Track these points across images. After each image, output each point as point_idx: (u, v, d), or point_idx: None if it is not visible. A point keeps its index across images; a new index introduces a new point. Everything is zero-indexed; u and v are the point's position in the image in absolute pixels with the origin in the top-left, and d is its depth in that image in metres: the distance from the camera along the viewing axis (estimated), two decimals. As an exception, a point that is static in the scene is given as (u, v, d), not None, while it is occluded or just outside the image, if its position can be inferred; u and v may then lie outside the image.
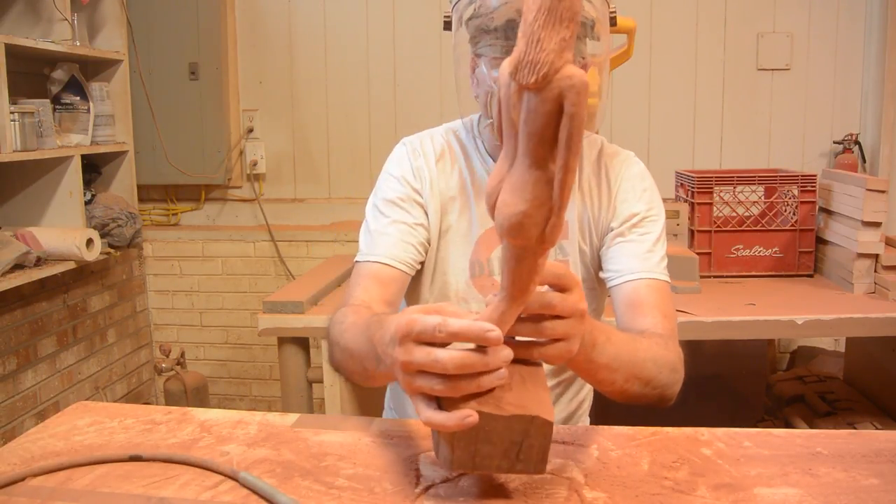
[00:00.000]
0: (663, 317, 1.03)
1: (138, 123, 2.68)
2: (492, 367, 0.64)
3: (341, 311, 0.98)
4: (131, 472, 0.78)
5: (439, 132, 1.16)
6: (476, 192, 1.12)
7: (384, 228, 1.09)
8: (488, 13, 0.99)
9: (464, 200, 1.12)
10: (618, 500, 0.71)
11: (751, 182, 2.07)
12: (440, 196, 1.12)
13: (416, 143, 1.15)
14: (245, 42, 2.80)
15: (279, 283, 2.81)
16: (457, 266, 1.12)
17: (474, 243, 1.11)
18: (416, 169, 1.12)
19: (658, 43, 2.61)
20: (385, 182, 1.13)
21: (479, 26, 1.01)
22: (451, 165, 1.13)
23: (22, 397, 2.30)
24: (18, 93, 2.13)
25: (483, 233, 1.11)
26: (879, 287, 1.83)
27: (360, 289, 1.06)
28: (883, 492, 0.72)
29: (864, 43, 2.55)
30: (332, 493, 0.74)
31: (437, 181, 1.12)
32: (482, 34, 1.01)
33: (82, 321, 2.57)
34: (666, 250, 1.11)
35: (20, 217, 2.32)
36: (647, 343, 0.91)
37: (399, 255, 1.08)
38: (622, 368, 0.84)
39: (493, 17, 0.98)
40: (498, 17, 0.98)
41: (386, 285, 1.06)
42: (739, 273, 2.03)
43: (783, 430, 0.87)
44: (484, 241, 1.11)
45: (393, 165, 1.14)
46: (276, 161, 2.85)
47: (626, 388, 0.86)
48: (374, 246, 1.09)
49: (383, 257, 1.07)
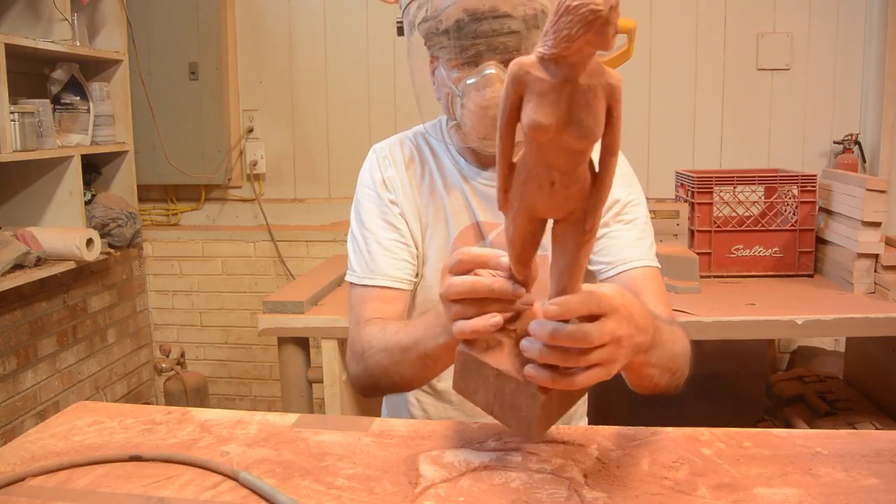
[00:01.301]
0: (663, 303, 1.04)
1: (138, 123, 2.68)
2: (496, 289, 0.71)
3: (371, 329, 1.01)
4: (131, 472, 0.78)
5: (408, 136, 1.17)
6: (448, 193, 1.12)
7: (374, 246, 1.10)
8: (437, 16, 0.99)
9: (437, 203, 1.12)
10: (618, 500, 0.71)
11: (751, 182, 2.06)
12: (414, 201, 1.12)
13: (385, 150, 1.15)
14: (245, 42, 2.80)
15: (279, 283, 2.81)
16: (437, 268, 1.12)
17: (451, 243, 1.12)
18: (387, 179, 1.12)
19: (658, 43, 2.61)
20: (362, 195, 1.14)
21: (430, 29, 1.01)
22: (422, 169, 1.13)
23: (22, 397, 2.30)
24: (18, 93, 2.14)
25: (458, 233, 1.11)
26: (879, 287, 1.83)
27: (370, 310, 1.07)
28: (883, 492, 0.72)
29: (864, 43, 2.55)
30: (332, 493, 0.74)
31: (409, 187, 1.12)
32: (434, 37, 1.01)
33: (82, 321, 2.57)
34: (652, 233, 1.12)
35: (20, 217, 2.32)
36: (679, 333, 0.92)
37: (397, 273, 1.09)
38: (662, 364, 0.84)
39: (442, 20, 0.98)
40: (446, 18, 0.98)
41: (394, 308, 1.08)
42: (739, 273, 2.03)
43: (783, 430, 0.87)
44: (461, 240, 1.11)
45: (366, 176, 1.15)
46: (276, 161, 2.85)
47: (659, 382, 0.87)
48: (368, 267, 1.10)
49: (383, 279, 1.09)
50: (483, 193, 1.11)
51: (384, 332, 0.98)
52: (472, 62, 0.98)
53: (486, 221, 1.11)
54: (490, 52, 0.97)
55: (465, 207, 1.12)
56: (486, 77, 0.97)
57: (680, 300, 1.77)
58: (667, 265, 1.88)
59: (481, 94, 0.98)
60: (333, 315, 1.77)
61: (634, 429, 0.87)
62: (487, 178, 1.11)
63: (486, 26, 0.96)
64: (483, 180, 1.11)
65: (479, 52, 0.98)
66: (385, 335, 0.97)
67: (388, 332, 0.97)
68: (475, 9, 0.95)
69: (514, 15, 0.96)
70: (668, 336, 0.85)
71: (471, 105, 0.99)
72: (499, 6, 0.95)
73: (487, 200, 1.11)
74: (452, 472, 0.76)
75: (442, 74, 1.03)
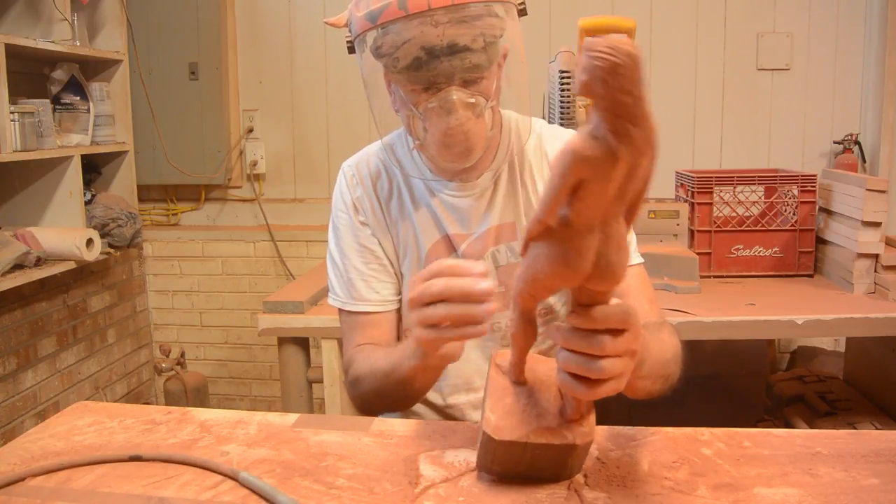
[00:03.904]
0: (649, 302, 1.03)
1: (138, 123, 2.68)
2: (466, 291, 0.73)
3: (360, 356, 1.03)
4: (131, 472, 0.78)
5: (375, 150, 1.15)
6: (416, 209, 1.11)
7: (352, 273, 1.11)
8: (392, 52, 0.93)
9: (406, 220, 1.11)
10: (618, 500, 0.71)
11: (751, 182, 2.06)
12: (384, 220, 1.12)
13: (353, 168, 1.15)
14: (245, 42, 2.80)
15: (279, 283, 2.81)
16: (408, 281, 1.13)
17: (424, 256, 1.11)
18: (356, 200, 1.12)
19: (658, 43, 2.61)
20: (336, 217, 1.14)
21: (387, 64, 0.96)
22: (389, 185, 1.13)
23: (22, 397, 2.29)
24: (18, 93, 2.14)
25: (430, 246, 1.11)
26: (879, 287, 1.83)
27: (358, 335, 1.09)
28: (883, 492, 0.72)
29: (864, 43, 2.55)
30: (332, 493, 0.74)
31: (378, 206, 1.12)
32: (392, 72, 0.96)
33: (82, 321, 2.57)
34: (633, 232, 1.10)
35: (20, 217, 2.32)
36: (668, 340, 0.91)
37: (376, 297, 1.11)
38: (654, 374, 0.83)
39: (399, 57, 0.93)
40: (403, 56, 0.92)
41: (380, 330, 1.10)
42: (739, 273, 2.03)
43: (783, 430, 0.87)
44: (433, 253, 1.11)
45: (337, 198, 1.15)
46: (275, 161, 2.85)
47: (651, 390, 0.86)
48: (349, 294, 1.11)
49: (365, 304, 1.10)
50: (451, 205, 1.10)
51: (369, 359, 1.00)
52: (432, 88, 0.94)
53: (457, 234, 1.10)
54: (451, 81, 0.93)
55: (433, 222, 1.11)
56: (449, 103, 0.93)
57: (680, 300, 1.78)
58: (667, 265, 1.89)
59: (445, 122, 0.94)
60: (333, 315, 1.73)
61: (634, 429, 0.87)
62: (454, 188, 1.10)
63: (445, 63, 0.91)
64: (450, 192, 1.10)
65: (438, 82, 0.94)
66: (370, 362, 0.99)
67: (372, 359, 0.98)
68: (433, 45, 0.90)
69: (473, 48, 0.91)
70: (657, 347, 0.85)
71: (435, 132, 0.96)
72: (457, 40, 0.90)
73: (456, 212, 1.10)
74: (452, 472, 0.76)
75: (400, 94, 0.98)
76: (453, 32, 0.90)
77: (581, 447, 0.71)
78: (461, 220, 1.10)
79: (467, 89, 0.95)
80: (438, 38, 0.90)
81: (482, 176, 1.09)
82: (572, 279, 0.63)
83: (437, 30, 0.89)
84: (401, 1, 0.89)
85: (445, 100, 0.94)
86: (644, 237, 1.95)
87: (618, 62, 0.52)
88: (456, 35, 0.90)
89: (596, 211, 0.60)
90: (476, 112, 0.96)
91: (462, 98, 0.94)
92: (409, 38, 0.90)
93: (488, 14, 0.92)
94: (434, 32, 0.89)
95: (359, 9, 0.95)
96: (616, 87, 0.52)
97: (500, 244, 1.10)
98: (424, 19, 0.89)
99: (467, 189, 1.09)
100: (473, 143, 0.98)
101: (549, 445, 0.70)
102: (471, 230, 1.10)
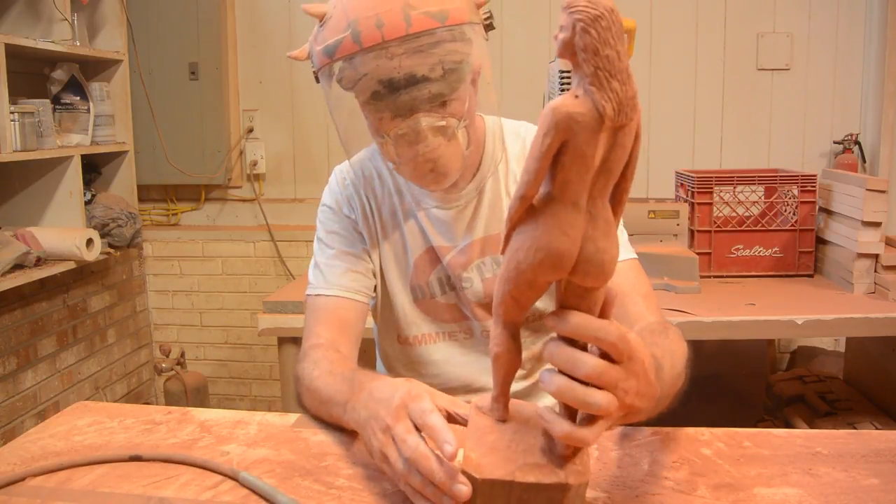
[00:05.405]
0: (645, 298, 1.00)
1: (138, 123, 2.68)
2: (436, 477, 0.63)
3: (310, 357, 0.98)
4: (131, 472, 0.78)
5: (367, 155, 1.15)
6: (405, 215, 1.10)
7: (331, 260, 1.10)
8: (352, 87, 0.92)
9: (394, 223, 1.11)
10: (618, 500, 0.71)
11: (751, 182, 2.06)
12: (375, 221, 1.11)
13: (345, 171, 1.14)
14: (245, 42, 2.80)
15: (279, 283, 2.81)
16: (398, 288, 1.12)
17: (411, 267, 1.11)
18: (347, 198, 1.12)
19: (658, 43, 2.61)
20: (323, 214, 1.14)
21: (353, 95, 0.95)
22: (381, 189, 1.12)
23: (22, 397, 2.30)
24: (18, 93, 2.14)
25: (417, 257, 1.10)
26: (879, 287, 1.83)
27: (321, 326, 1.06)
28: (883, 492, 0.72)
29: (864, 43, 2.55)
30: (332, 493, 0.74)
31: (367, 207, 1.11)
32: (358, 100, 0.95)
33: (82, 321, 2.57)
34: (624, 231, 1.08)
35: (20, 217, 2.32)
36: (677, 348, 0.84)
37: (351, 285, 1.08)
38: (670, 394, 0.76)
39: (358, 93, 0.93)
40: (361, 91, 0.92)
41: (345, 320, 1.07)
42: (739, 273, 2.03)
43: (783, 430, 0.87)
44: (420, 264, 1.10)
45: (327, 197, 1.14)
46: (275, 161, 2.85)
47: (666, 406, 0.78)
48: (324, 279, 1.09)
49: (337, 289, 1.08)
50: (435, 217, 1.09)
51: (311, 374, 0.94)
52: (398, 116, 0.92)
53: (441, 245, 1.09)
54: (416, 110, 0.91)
55: (419, 232, 1.10)
56: (417, 131, 0.92)
57: (680, 300, 1.78)
58: (667, 265, 1.89)
59: (415, 150, 0.93)
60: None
61: (634, 429, 0.87)
62: (437, 201, 1.09)
63: (404, 96, 0.90)
64: (433, 204, 1.09)
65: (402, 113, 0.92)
66: (312, 376, 0.93)
67: (314, 374, 0.93)
68: (390, 79, 0.88)
69: (432, 77, 0.89)
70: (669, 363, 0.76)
71: (406, 160, 0.95)
72: (414, 71, 0.88)
73: (440, 224, 1.09)
74: (452, 472, 0.76)
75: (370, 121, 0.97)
76: (410, 63, 0.88)
77: (575, 487, 0.61)
78: (445, 232, 1.09)
79: (437, 112, 0.92)
80: (395, 70, 0.88)
81: (466, 188, 1.08)
82: (558, 267, 0.58)
83: (393, 62, 0.87)
84: (354, 34, 0.87)
85: (414, 128, 0.92)
86: (644, 237, 1.95)
87: (598, 13, 0.52)
88: (413, 66, 0.88)
89: (580, 184, 0.57)
90: (448, 135, 0.94)
91: (431, 123, 0.92)
92: (365, 72, 0.89)
93: (447, 40, 0.88)
94: (390, 65, 0.88)
95: (317, 42, 0.93)
96: (598, 38, 0.53)
97: (485, 256, 1.09)
98: (379, 52, 0.87)
99: (451, 201, 1.08)
100: (448, 168, 0.96)
101: (538, 485, 0.61)
102: (455, 242, 1.09)
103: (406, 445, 0.66)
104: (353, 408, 0.80)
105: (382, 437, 0.70)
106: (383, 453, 0.70)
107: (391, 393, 0.73)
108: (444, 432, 0.64)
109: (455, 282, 1.10)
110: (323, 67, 0.93)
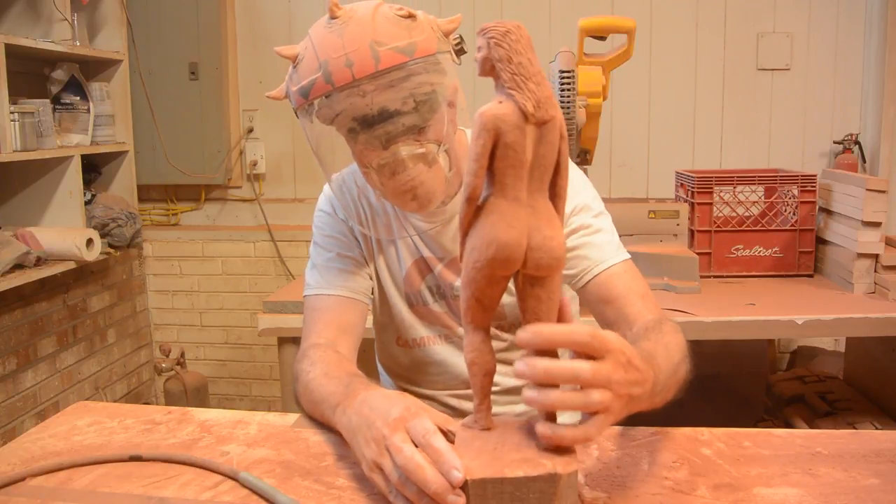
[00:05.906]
0: (641, 298, 1.00)
1: (138, 123, 2.68)
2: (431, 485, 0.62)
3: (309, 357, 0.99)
4: (131, 472, 0.78)
5: None
6: (398, 224, 1.11)
7: (329, 263, 1.11)
8: (329, 123, 0.95)
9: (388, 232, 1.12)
10: (618, 500, 0.71)
11: (751, 182, 2.06)
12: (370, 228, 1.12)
13: (340, 180, 1.15)
14: (245, 42, 2.80)
15: (279, 283, 2.81)
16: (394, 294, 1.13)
17: (404, 275, 1.12)
18: (343, 205, 1.12)
19: (658, 43, 2.61)
20: (320, 220, 1.15)
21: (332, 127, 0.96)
22: (376, 198, 1.12)
23: (22, 397, 2.29)
24: (18, 93, 2.14)
25: (409, 267, 1.11)
26: (879, 287, 1.83)
27: (321, 325, 1.06)
28: (883, 492, 0.72)
29: (864, 43, 2.55)
30: (332, 493, 0.74)
31: (363, 214, 1.12)
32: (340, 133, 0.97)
33: (82, 321, 2.57)
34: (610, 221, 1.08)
35: (20, 217, 2.32)
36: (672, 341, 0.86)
37: (351, 285, 1.09)
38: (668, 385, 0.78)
39: (337, 128, 0.95)
40: (339, 128, 0.94)
41: (346, 320, 1.07)
42: (739, 273, 2.03)
43: (783, 430, 0.87)
44: (412, 273, 1.11)
45: (324, 203, 1.15)
46: (275, 161, 2.85)
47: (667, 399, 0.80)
48: (323, 279, 1.10)
49: (337, 289, 1.08)
50: (422, 231, 1.10)
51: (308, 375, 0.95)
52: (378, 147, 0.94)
53: (431, 256, 1.11)
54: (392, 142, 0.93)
55: (409, 243, 1.12)
56: (397, 161, 0.93)
57: (680, 300, 1.78)
58: (667, 265, 1.89)
59: (396, 181, 0.94)
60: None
61: (634, 429, 0.87)
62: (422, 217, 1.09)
63: (379, 130, 0.91)
64: (418, 219, 1.10)
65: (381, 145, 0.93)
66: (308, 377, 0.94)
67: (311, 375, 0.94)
68: (364, 115, 0.91)
69: (404, 110, 0.91)
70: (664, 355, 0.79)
71: (390, 189, 0.96)
72: (387, 106, 0.90)
73: (427, 237, 1.10)
74: None
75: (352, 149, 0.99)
76: (382, 99, 0.89)
77: (565, 476, 0.62)
78: (432, 245, 1.11)
79: (416, 140, 0.93)
80: (368, 107, 0.90)
81: (450, 203, 1.08)
82: (510, 258, 0.64)
83: (366, 99, 0.89)
84: (326, 75, 0.89)
85: (394, 158, 0.93)
86: (644, 237, 1.95)
87: (506, 29, 0.63)
88: (385, 101, 0.90)
89: (517, 179, 0.65)
90: (429, 160, 0.94)
91: (411, 151, 0.93)
92: (340, 110, 0.91)
93: (416, 72, 0.90)
94: (363, 102, 0.89)
95: (292, 83, 0.95)
96: (510, 48, 0.63)
97: None
98: (351, 91, 0.88)
99: (436, 216, 1.08)
100: (431, 194, 0.97)
101: (528, 478, 0.62)
102: (443, 254, 1.10)
103: (402, 455, 0.65)
104: (345, 412, 0.80)
105: (376, 446, 0.70)
106: (376, 463, 0.69)
107: (388, 405, 0.73)
108: (452, 458, 0.63)
109: (445, 290, 1.11)
110: (300, 107, 0.95)
